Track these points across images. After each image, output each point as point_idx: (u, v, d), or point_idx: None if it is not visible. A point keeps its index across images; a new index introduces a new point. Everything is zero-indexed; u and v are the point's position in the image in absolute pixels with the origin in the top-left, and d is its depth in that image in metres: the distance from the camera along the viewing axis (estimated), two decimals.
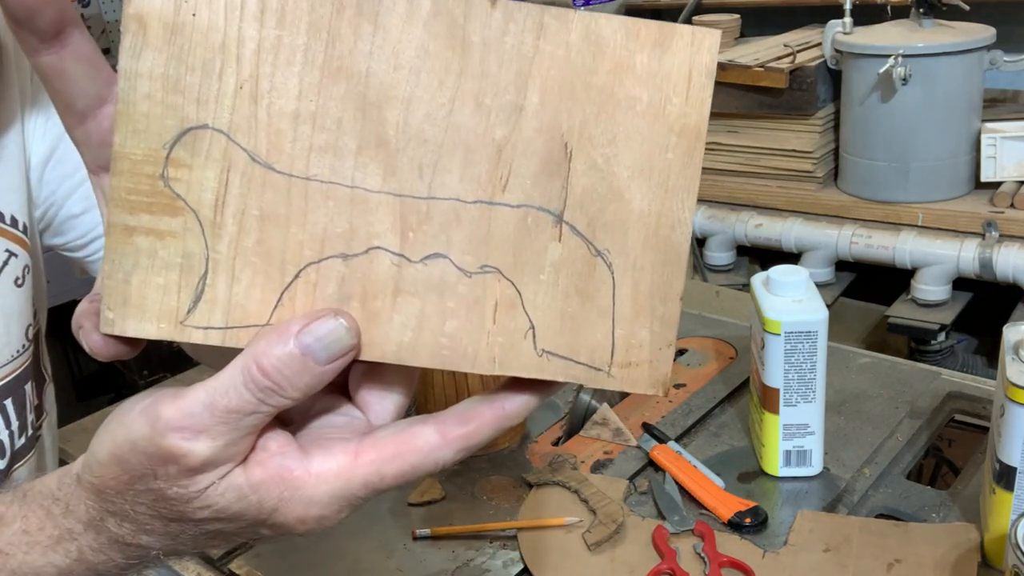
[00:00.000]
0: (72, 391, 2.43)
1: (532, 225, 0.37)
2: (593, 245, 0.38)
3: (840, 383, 1.08)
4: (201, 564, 0.90)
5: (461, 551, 0.88)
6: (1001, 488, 0.77)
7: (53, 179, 0.75)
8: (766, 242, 1.92)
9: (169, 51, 0.35)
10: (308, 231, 0.37)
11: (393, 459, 0.38)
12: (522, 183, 0.37)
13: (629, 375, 0.38)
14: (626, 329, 0.38)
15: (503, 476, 0.98)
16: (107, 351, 0.38)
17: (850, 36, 1.81)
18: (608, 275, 0.38)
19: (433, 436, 0.38)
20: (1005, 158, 1.72)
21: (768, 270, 0.93)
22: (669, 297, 0.38)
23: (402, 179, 0.37)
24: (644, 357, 0.38)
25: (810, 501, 0.90)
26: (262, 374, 0.35)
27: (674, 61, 0.37)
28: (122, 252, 0.37)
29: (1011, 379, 0.74)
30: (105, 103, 0.39)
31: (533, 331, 0.38)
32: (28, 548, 0.42)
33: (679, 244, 0.38)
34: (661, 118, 0.37)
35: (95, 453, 0.39)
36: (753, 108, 1.92)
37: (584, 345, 0.38)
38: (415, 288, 0.37)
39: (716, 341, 1.22)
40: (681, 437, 1.02)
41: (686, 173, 0.37)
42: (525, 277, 0.38)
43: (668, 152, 0.37)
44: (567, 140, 0.37)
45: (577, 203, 0.37)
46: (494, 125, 0.37)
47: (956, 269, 1.71)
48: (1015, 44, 1.81)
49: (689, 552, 0.84)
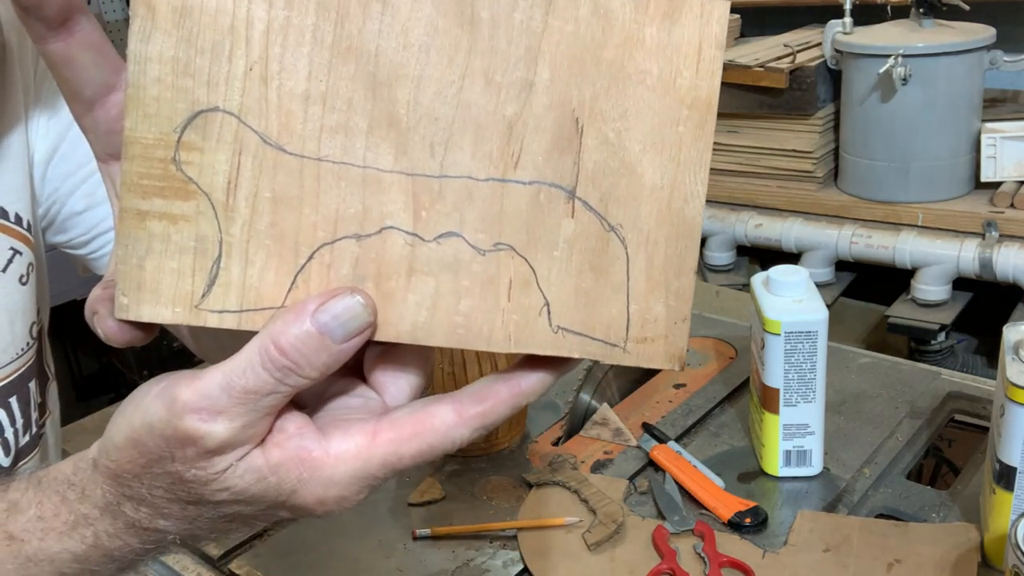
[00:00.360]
0: (72, 391, 2.43)
1: (545, 201, 0.37)
2: (606, 220, 0.37)
3: (840, 383, 1.08)
4: (201, 564, 0.90)
5: (461, 551, 0.88)
6: (1001, 488, 0.77)
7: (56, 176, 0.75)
8: (766, 242, 1.92)
9: (178, 34, 0.35)
10: (321, 212, 0.37)
11: (411, 438, 0.38)
12: (534, 159, 0.37)
13: (645, 350, 0.38)
14: (641, 304, 0.38)
15: (503, 476, 0.98)
16: (122, 337, 0.38)
17: (850, 36, 1.81)
18: (622, 250, 0.38)
19: (450, 415, 0.38)
20: (1005, 158, 1.72)
21: (768, 270, 0.93)
22: (683, 271, 0.38)
23: (414, 158, 0.36)
24: (660, 332, 0.38)
25: (810, 501, 0.90)
26: (280, 353, 0.35)
27: (684, 33, 0.36)
28: (135, 237, 0.36)
29: (1011, 379, 0.74)
30: (113, 91, 0.39)
31: (548, 308, 0.38)
32: (43, 534, 0.41)
33: (692, 217, 0.38)
34: (672, 91, 0.37)
35: (111, 437, 0.39)
36: (753, 108, 1.92)
37: (599, 321, 0.38)
38: (429, 267, 0.37)
39: (716, 341, 1.22)
40: (681, 437, 1.02)
41: (698, 146, 0.37)
42: (539, 254, 0.37)
43: (679, 125, 0.37)
44: (578, 115, 0.37)
45: (589, 178, 0.37)
46: (504, 102, 0.36)
47: (956, 269, 1.71)
48: (1015, 44, 1.81)
49: (689, 552, 0.84)
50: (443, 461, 1.01)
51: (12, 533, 0.42)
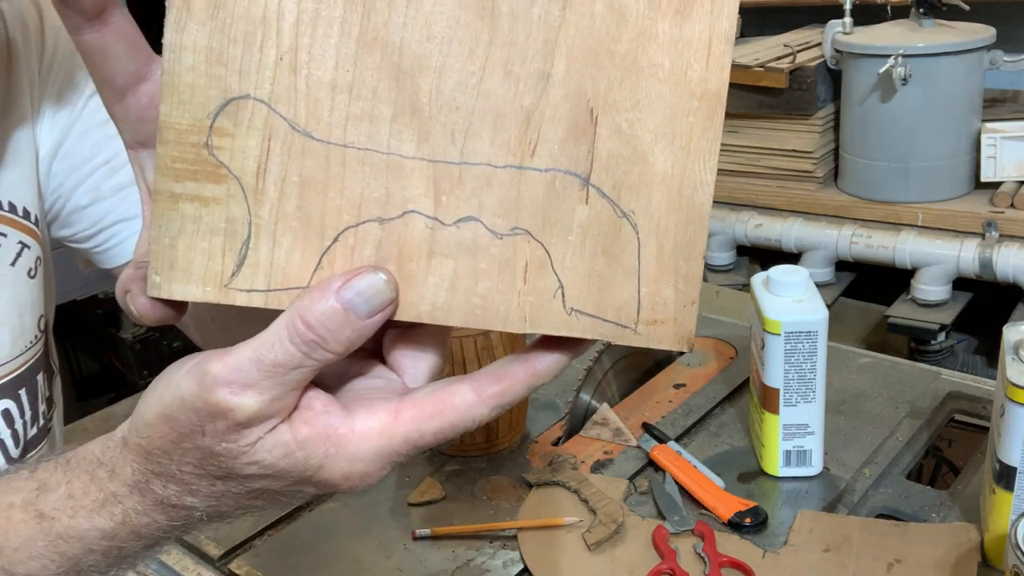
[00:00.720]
0: (72, 391, 2.42)
1: (560, 188, 0.38)
2: (619, 207, 0.39)
3: (840, 383, 1.08)
4: (201, 564, 0.90)
5: (461, 551, 0.88)
6: (1001, 488, 0.77)
7: (60, 171, 0.76)
8: (766, 242, 1.92)
9: (212, 24, 0.37)
10: (346, 196, 0.38)
11: (432, 416, 0.39)
12: (550, 148, 0.38)
13: (655, 332, 0.39)
14: (651, 287, 0.39)
15: (503, 476, 0.98)
16: (154, 314, 0.39)
17: (850, 36, 1.81)
18: (633, 235, 0.39)
19: (469, 394, 0.39)
20: (1005, 158, 1.72)
21: (768, 270, 0.93)
22: (692, 256, 0.39)
23: (435, 145, 0.38)
24: (669, 314, 0.39)
25: (810, 501, 0.90)
26: (307, 328, 0.37)
27: (695, 28, 0.38)
28: (168, 218, 0.38)
29: (1011, 379, 0.74)
30: (144, 80, 0.40)
31: (562, 290, 0.39)
32: (73, 512, 0.42)
33: (701, 204, 0.39)
34: (683, 83, 0.38)
35: (142, 415, 0.40)
36: (753, 108, 1.92)
37: (611, 303, 0.39)
38: (448, 250, 0.39)
39: (716, 341, 1.22)
40: (681, 437, 1.02)
41: (707, 136, 0.38)
42: (554, 238, 0.39)
43: (690, 116, 0.38)
44: (592, 106, 0.38)
45: (603, 166, 0.38)
46: (523, 92, 0.38)
47: (956, 269, 1.71)
48: (1015, 44, 1.82)
49: (689, 552, 0.84)
50: (443, 461, 1.01)
51: (42, 511, 0.43)
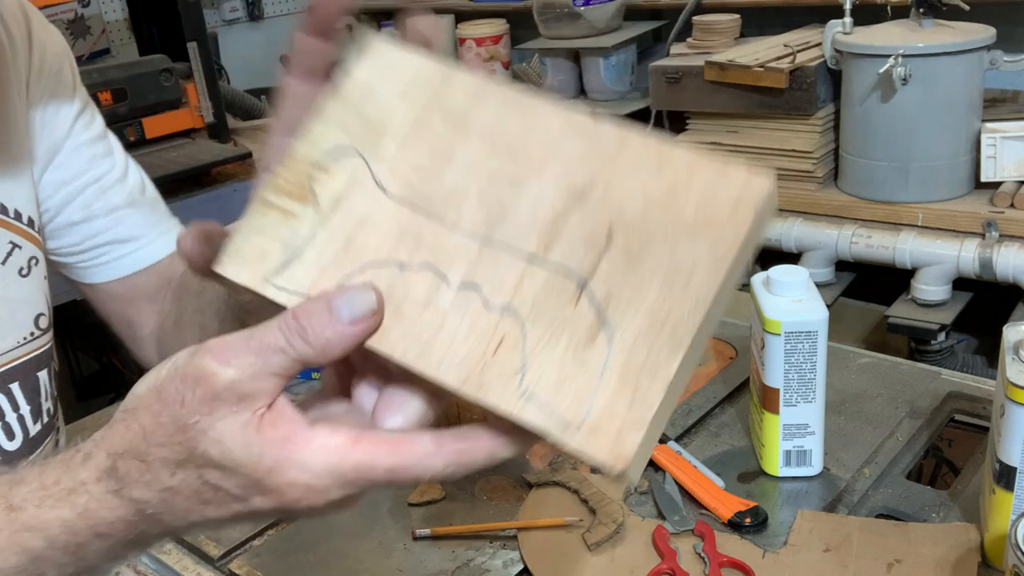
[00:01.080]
0: (72, 391, 2.43)
1: (558, 284, 0.42)
2: (604, 315, 0.41)
3: (840, 383, 1.08)
4: (201, 564, 0.90)
5: (461, 551, 0.88)
6: (1001, 488, 0.77)
7: (49, 183, 0.76)
8: (766, 242, 1.92)
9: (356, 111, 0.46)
10: (388, 242, 0.44)
11: (388, 453, 0.41)
12: (562, 248, 0.42)
13: (594, 440, 0.40)
14: (607, 397, 0.40)
15: (503, 476, 0.98)
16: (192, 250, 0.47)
17: (850, 36, 1.81)
18: (606, 347, 0.40)
19: (429, 444, 0.41)
20: (1005, 158, 1.72)
21: (768, 270, 0.93)
22: (657, 378, 0.40)
23: (474, 220, 0.43)
24: (614, 427, 0.40)
25: (810, 501, 0.90)
26: (293, 318, 0.41)
27: (729, 192, 0.40)
28: (255, 218, 0.46)
29: (1011, 379, 0.74)
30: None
31: (524, 373, 0.41)
32: (40, 501, 0.44)
33: (680, 338, 0.40)
34: (702, 233, 0.40)
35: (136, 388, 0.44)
36: (753, 108, 1.92)
37: (564, 398, 0.40)
38: (443, 308, 0.42)
39: (716, 341, 1.22)
40: (681, 437, 1.02)
41: (707, 283, 0.40)
42: (535, 326, 0.41)
43: (696, 266, 0.40)
44: (613, 227, 0.42)
45: (603, 277, 0.41)
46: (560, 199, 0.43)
47: (956, 269, 1.71)
48: (1015, 44, 1.82)
49: (689, 552, 0.84)
50: None
51: (12, 503, 0.45)
